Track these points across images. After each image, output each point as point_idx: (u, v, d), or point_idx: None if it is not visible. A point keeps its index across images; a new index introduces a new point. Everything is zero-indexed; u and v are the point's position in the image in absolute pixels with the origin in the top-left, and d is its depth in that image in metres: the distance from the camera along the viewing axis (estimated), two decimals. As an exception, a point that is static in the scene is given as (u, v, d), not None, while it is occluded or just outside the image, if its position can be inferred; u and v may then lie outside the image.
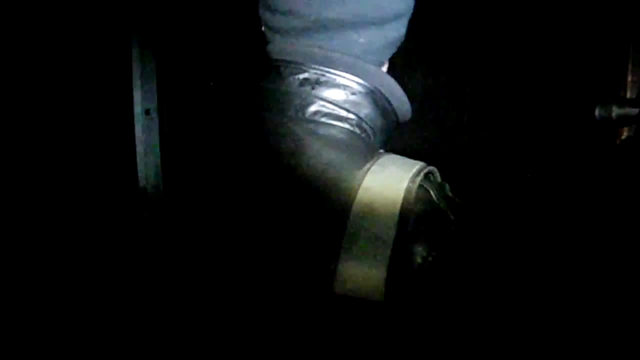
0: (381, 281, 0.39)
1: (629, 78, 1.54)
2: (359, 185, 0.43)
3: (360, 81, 0.51)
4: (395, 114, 0.54)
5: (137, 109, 1.26)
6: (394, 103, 0.53)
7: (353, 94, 0.50)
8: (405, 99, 0.54)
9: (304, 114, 0.49)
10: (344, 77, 0.50)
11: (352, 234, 0.41)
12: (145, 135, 1.27)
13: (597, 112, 0.65)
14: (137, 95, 1.26)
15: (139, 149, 1.24)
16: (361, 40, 0.50)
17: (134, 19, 1.20)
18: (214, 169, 0.54)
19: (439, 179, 0.49)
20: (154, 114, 1.29)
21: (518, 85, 2.58)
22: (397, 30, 0.52)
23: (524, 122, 2.63)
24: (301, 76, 0.50)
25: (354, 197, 0.43)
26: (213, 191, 0.53)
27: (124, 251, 1.20)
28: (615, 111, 0.65)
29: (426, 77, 2.47)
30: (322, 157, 0.46)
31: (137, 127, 1.24)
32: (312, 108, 0.50)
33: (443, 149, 2.70)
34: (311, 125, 0.49)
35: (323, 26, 0.51)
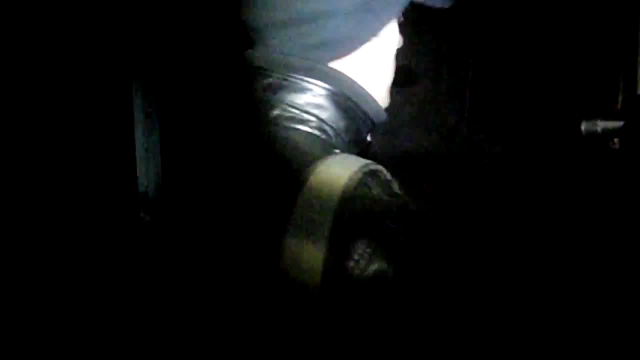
0: (319, 266, 0.42)
1: (621, 85, 1.55)
2: (304, 183, 0.47)
3: (322, 84, 0.55)
4: (365, 114, 0.57)
5: (138, 113, 1.27)
6: (361, 104, 0.57)
7: (314, 96, 0.55)
8: (370, 98, 0.57)
9: (267, 117, 0.54)
10: (305, 80, 0.54)
11: (297, 226, 0.45)
12: (145, 139, 1.28)
13: (583, 127, 0.66)
14: (138, 99, 1.27)
15: (140, 152, 1.26)
16: (274, 41, 0.54)
17: (136, 26, 1.21)
18: (197, 169, 0.59)
19: (386, 177, 0.52)
20: (155, 118, 1.30)
21: (515, 91, 2.58)
22: (324, 29, 0.53)
23: (522, 126, 2.63)
24: (266, 82, 0.55)
25: (299, 194, 0.47)
26: (193, 188, 0.58)
27: (125, 254, 1.21)
28: (601, 125, 0.66)
29: (426, 82, 2.48)
30: (278, 158, 0.51)
31: (137, 131, 1.25)
32: (275, 112, 0.54)
33: (442, 151, 2.70)
34: (273, 128, 0.54)
35: (251, 31, 0.56)
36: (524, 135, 2.62)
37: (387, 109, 0.64)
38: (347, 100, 0.56)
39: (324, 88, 0.55)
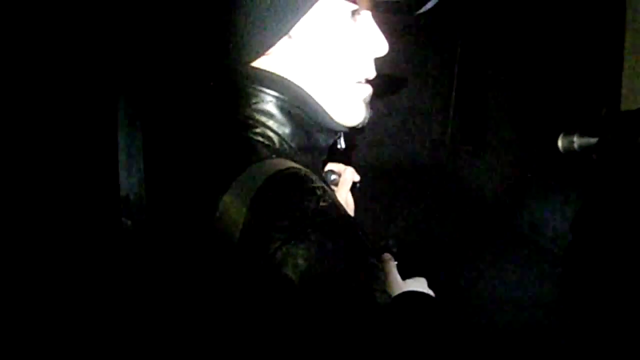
0: (241, 219, 0.48)
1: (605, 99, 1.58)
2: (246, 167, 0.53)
3: (269, 91, 0.57)
4: (316, 121, 0.59)
5: (122, 117, 1.26)
6: (308, 111, 0.58)
7: (261, 103, 0.57)
8: (317, 105, 0.59)
9: (228, 124, 0.57)
10: (252, 87, 0.57)
11: (233, 189, 0.51)
12: (129, 144, 1.27)
13: (559, 144, 0.68)
14: (122, 104, 1.26)
15: (122, 157, 1.24)
16: (233, 52, 0.58)
17: (121, 33, 1.21)
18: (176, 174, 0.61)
19: (312, 185, 0.54)
20: (138, 123, 1.29)
21: (500, 103, 2.61)
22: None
23: (506, 137, 2.66)
24: (227, 90, 0.58)
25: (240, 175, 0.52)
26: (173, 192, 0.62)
27: (107, 257, 1.20)
28: (577, 141, 0.67)
29: (411, 94, 2.50)
30: (225, 158, 0.56)
31: (121, 136, 1.24)
32: (230, 119, 0.57)
33: (426, 162, 2.72)
34: (228, 134, 0.57)
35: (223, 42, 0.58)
36: (508, 147, 2.66)
37: (371, 118, 0.64)
38: (292, 106, 0.57)
39: (271, 95, 0.57)
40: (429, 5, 0.58)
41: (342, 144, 0.64)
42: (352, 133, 0.65)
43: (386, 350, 0.45)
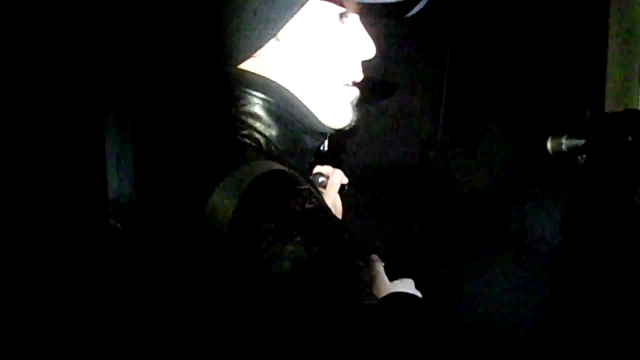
0: (229, 214, 0.49)
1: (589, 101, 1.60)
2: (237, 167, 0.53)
3: (256, 93, 0.57)
4: (303, 123, 0.59)
5: (110, 120, 1.25)
6: (294, 113, 0.58)
7: (248, 105, 0.57)
8: (303, 107, 0.59)
9: (216, 126, 0.58)
10: (240, 90, 0.57)
11: (223, 186, 0.52)
12: (118, 146, 1.26)
13: (548, 146, 0.68)
14: (111, 106, 1.25)
15: (111, 160, 1.23)
16: (222, 53, 0.58)
17: (111, 30, 1.20)
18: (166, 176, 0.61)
19: (297, 187, 0.54)
20: (129, 126, 1.28)
21: (490, 104, 2.63)
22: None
23: (495, 138, 2.68)
24: (216, 94, 0.59)
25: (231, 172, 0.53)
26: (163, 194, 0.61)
27: (95, 259, 1.19)
28: (565, 143, 0.68)
29: (401, 94, 2.51)
30: (213, 163, 0.56)
31: (109, 139, 1.22)
32: (221, 121, 0.58)
33: (416, 163, 2.73)
34: (215, 137, 0.58)
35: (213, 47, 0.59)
36: (498, 148, 2.68)
37: (361, 120, 0.64)
38: (279, 109, 0.57)
39: (258, 97, 0.57)
40: (416, 9, 0.58)
41: (325, 147, 0.65)
42: (340, 135, 0.65)
43: (373, 352, 0.45)
